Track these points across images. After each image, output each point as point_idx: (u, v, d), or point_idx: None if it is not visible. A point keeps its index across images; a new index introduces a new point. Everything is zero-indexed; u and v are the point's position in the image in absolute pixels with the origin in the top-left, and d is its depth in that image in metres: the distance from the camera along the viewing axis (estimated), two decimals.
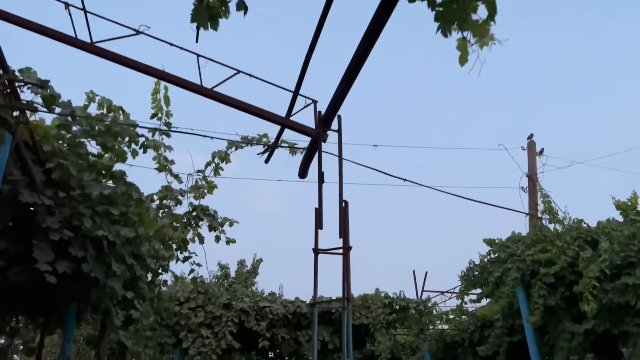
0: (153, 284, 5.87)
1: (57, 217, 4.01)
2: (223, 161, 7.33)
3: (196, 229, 6.92)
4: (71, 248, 3.95)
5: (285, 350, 12.33)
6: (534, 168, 11.69)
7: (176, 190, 6.71)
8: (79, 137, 4.44)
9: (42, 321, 5.03)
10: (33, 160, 4.14)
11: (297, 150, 7.69)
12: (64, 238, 3.94)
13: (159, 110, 6.42)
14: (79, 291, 4.33)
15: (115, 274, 4.15)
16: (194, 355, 11.17)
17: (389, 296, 12.79)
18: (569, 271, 7.63)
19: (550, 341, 8.38)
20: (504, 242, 9.68)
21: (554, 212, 10.03)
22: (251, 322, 11.82)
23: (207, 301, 11.91)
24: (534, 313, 7.72)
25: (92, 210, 4.11)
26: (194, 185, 6.96)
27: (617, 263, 6.46)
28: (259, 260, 19.45)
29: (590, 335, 7.21)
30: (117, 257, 4.25)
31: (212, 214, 7.09)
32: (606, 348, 9.42)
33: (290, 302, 12.49)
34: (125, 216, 4.34)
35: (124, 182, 4.42)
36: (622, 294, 6.35)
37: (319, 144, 3.48)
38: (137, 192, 4.39)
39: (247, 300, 12.08)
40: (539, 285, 7.77)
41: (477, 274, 10.38)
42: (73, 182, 4.20)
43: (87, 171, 4.30)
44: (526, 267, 8.16)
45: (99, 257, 4.12)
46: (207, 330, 11.47)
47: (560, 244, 7.70)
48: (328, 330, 12.33)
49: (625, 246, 6.49)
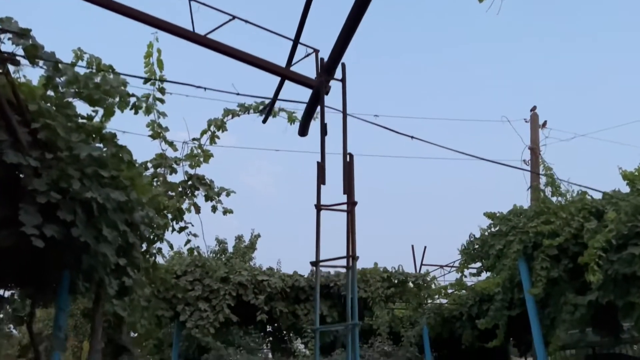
0: (148, 253, 5.70)
1: (45, 179, 3.80)
2: (219, 129, 7.10)
3: (192, 198, 6.73)
4: (59, 211, 3.75)
5: (283, 323, 12.29)
6: (536, 141, 11.49)
7: (171, 158, 6.50)
8: (66, 97, 4.21)
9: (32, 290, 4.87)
10: (18, 121, 3.92)
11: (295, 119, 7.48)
12: (51, 201, 3.74)
13: (152, 74, 6.17)
14: (70, 257, 4.15)
15: (107, 239, 3.97)
16: (191, 328, 11.10)
17: (388, 270, 12.72)
18: (573, 243, 7.51)
19: (552, 314, 8.31)
20: (506, 215, 9.55)
21: (556, 185, 9.89)
22: (249, 296, 11.73)
23: (204, 275, 11.80)
24: (536, 285, 7.63)
25: (81, 172, 3.90)
26: (190, 153, 6.74)
27: (624, 233, 6.33)
28: (256, 235, 19.36)
29: (592, 307, 7.12)
30: (109, 222, 4.06)
31: (209, 183, 6.89)
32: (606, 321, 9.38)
33: (288, 276, 12.41)
34: (116, 180, 4.14)
35: (115, 144, 4.21)
36: (629, 264, 6.24)
37: (322, 94, 3.26)
38: (128, 155, 4.18)
39: (245, 273, 11.98)
40: (542, 257, 7.67)
41: (478, 247, 10.28)
42: (61, 143, 3.98)
43: (75, 132, 4.08)
44: (529, 239, 8.04)
45: (89, 222, 3.93)
46: (205, 303, 11.39)
47: (565, 216, 7.57)
48: (327, 304, 12.26)
49: (633, 216, 6.36)
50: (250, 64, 3.56)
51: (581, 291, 7.33)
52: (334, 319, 12.31)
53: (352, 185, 2.91)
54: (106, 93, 4.09)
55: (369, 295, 12.20)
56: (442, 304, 13.99)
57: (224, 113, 7.06)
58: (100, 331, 5.38)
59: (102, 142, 4.28)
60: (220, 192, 7.02)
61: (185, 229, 6.80)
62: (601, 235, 6.38)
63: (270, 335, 15.25)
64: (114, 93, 4.18)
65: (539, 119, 11.80)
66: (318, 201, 3.01)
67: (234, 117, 7.17)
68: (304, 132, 3.76)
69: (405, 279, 12.63)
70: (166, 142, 6.42)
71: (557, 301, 7.68)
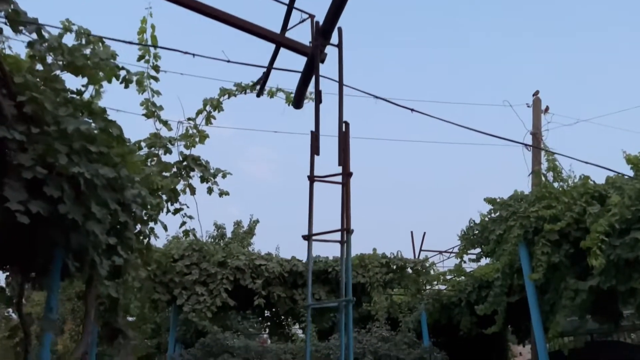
0: (141, 234, 5.58)
1: (30, 154, 3.67)
2: (215, 109, 6.94)
3: (187, 179, 6.59)
4: (46, 187, 3.62)
5: (281, 308, 12.22)
6: (538, 126, 11.32)
7: (165, 138, 6.35)
8: (54, 70, 4.06)
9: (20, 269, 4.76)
10: (3, 94, 3.77)
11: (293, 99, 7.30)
12: (37, 176, 3.61)
13: (146, 52, 6.00)
14: (58, 236, 4.03)
15: (96, 216, 3.84)
16: (188, 312, 11.03)
17: (386, 256, 12.63)
18: (574, 228, 7.40)
19: (551, 300, 8.22)
20: (506, 200, 9.44)
21: (558, 170, 9.76)
22: (246, 280, 11.65)
23: (202, 259, 11.71)
24: (537, 270, 7.53)
25: (69, 147, 3.77)
26: (185, 133, 6.59)
27: (628, 218, 6.21)
28: (255, 221, 19.29)
29: (593, 293, 7.03)
30: (98, 199, 3.93)
31: (204, 164, 6.75)
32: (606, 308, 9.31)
33: (286, 261, 12.31)
34: (105, 156, 4.00)
35: (104, 119, 4.06)
36: (632, 249, 6.12)
37: (316, 60, 3.09)
38: (117, 129, 4.04)
39: (242, 258, 11.89)
40: (543, 242, 7.56)
41: (478, 233, 10.18)
42: (48, 117, 3.84)
43: (63, 106, 3.94)
44: (529, 224, 7.93)
45: (77, 199, 3.80)
46: (202, 287, 11.30)
47: (567, 200, 7.44)
48: (324, 289, 12.20)
49: (637, 200, 6.23)
50: (243, 30, 3.38)
51: (582, 277, 7.24)
52: None
53: (347, 155, 2.76)
54: (95, 66, 3.93)
55: (367, 281, 12.12)
56: (440, 290, 13.94)
57: (220, 92, 6.90)
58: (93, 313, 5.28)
59: (91, 117, 4.14)
60: (216, 174, 6.88)
61: (180, 211, 6.68)
62: (604, 219, 6.27)
63: (268, 320, 15.21)
64: (102, 66, 4.02)
65: (541, 103, 11.62)
66: (311, 172, 2.87)
67: (230, 97, 7.00)
68: (299, 104, 3.60)
69: (404, 265, 12.54)
70: (160, 121, 6.27)
71: (557, 287, 7.59)
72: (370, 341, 10.17)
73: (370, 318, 12.99)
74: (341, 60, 3.01)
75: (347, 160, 2.76)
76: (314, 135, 2.94)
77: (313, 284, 12.22)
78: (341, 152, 2.78)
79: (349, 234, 2.72)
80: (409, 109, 3.90)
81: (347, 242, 2.75)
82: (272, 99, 7.32)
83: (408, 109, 3.90)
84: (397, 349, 10.89)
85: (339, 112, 2.92)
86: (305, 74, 3.38)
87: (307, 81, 3.38)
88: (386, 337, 11.07)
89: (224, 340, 10.54)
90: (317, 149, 2.90)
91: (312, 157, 2.89)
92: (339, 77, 3.01)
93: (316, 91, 3.05)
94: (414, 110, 3.88)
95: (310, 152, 2.89)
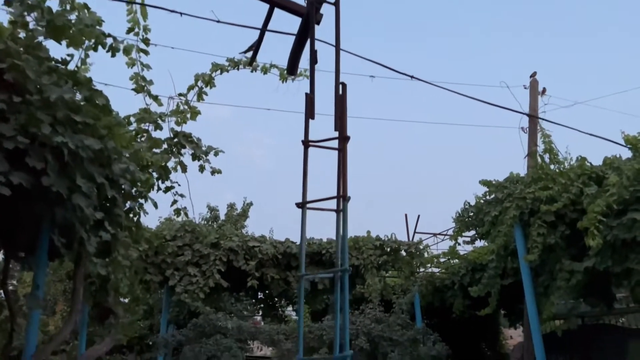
0: (131, 212, 5.44)
1: (12, 123, 3.51)
2: (207, 85, 6.77)
3: (178, 156, 6.43)
4: (28, 158, 3.47)
5: (274, 290, 12.17)
6: (535, 107, 11.20)
7: (155, 113, 6.17)
8: (37, 37, 3.88)
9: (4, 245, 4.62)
10: None
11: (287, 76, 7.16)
12: (19, 147, 3.46)
13: (135, 24, 5.80)
14: (43, 210, 3.89)
15: (81, 189, 3.70)
16: (181, 293, 10.96)
17: (380, 238, 12.57)
18: (571, 209, 7.34)
19: (545, 282, 8.20)
20: (502, 182, 9.37)
21: (554, 153, 9.69)
22: (240, 262, 11.57)
23: (194, 240, 11.61)
24: (532, 252, 7.48)
25: (53, 117, 3.61)
26: (176, 109, 6.42)
27: (625, 198, 6.13)
28: (249, 203, 19.17)
29: (588, 274, 6.99)
30: (83, 172, 3.78)
31: (196, 141, 6.58)
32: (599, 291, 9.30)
33: (280, 243, 12.24)
34: (91, 127, 3.84)
35: (90, 88, 3.89)
36: (629, 230, 6.06)
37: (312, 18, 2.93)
38: (103, 99, 3.88)
39: (235, 239, 11.80)
40: (539, 224, 7.50)
41: (472, 215, 10.13)
42: (30, 86, 3.67)
43: (46, 75, 3.77)
44: (525, 205, 7.86)
45: (62, 171, 3.66)
46: (195, 268, 11.22)
47: (563, 181, 7.36)
48: (318, 271, 12.13)
49: (635, 181, 6.15)
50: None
51: (577, 258, 7.19)
52: (325, 285, 12.21)
53: (344, 119, 2.62)
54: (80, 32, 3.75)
55: (361, 263, 12.07)
56: (433, 273, 13.95)
57: (212, 68, 6.72)
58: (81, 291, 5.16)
59: (77, 88, 3.97)
60: (208, 152, 6.72)
61: (171, 189, 6.53)
62: (602, 199, 6.19)
63: (261, 302, 15.19)
64: (88, 34, 3.85)
65: (538, 85, 11.49)
66: (306, 137, 2.72)
67: (222, 73, 6.83)
68: (293, 70, 3.43)
69: (397, 248, 12.49)
70: (150, 96, 6.08)
71: (552, 268, 7.54)
72: (363, 322, 10.14)
73: (364, 300, 12.98)
74: (338, 17, 2.84)
75: (344, 123, 2.62)
76: (309, 97, 2.79)
77: (307, 266, 12.16)
78: (337, 116, 2.64)
79: (345, 201, 2.60)
80: (408, 75, 3.77)
81: (343, 210, 2.63)
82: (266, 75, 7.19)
83: (408, 75, 3.77)
84: (391, 330, 10.89)
85: (336, 73, 2.76)
86: (299, 35, 3.20)
87: (302, 42, 3.21)
88: (380, 318, 11.05)
89: (216, 321, 10.49)
90: (312, 112, 2.75)
91: (306, 120, 2.75)
92: (335, 35, 2.84)
93: (311, 51, 2.90)
94: (413, 77, 3.74)
95: (305, 115, 2.75)
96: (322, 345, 9.76)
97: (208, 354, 9.54)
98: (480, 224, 9.66)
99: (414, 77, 3.79)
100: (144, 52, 5.86)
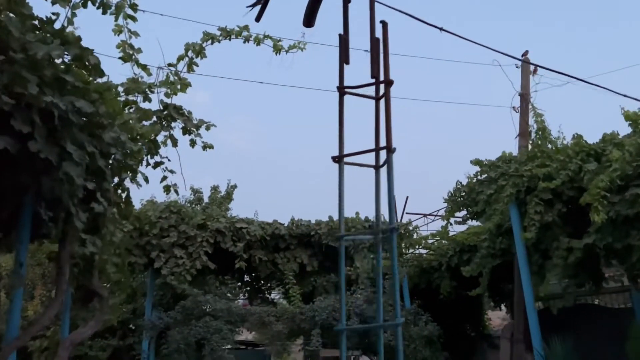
0: (120, 187, 5.14)
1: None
2: (198, 56, 6.43)
3: (168, 130, 6.12)
4: (13, 121, 3.16)
5: (262, 272, 11.97)
6: (527, 87, 11.09)
7: (144, 83, 5.83)
8: None
9: None
10: None
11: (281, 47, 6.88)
12: (4, 108, 3.14)
13: None
14: (27, 179, 3.59)
15: (72, 156, 3.40)
16: (167, 275, 10.67)
17: (369, 219, 12.43)
18: (568, 187, 7.25)
19: (539, 261, 8.15)
20: (494, 161, 9.26)
21: (547, 132, 9.61)
22: (227, 243, 11.32)
23: (180, 221, 11.30)
24: (529, 230, 7.39)
25: (39, 78, 3.29)
26: (165, 80, 6.08)
27: (628, 173, 6.05)
28: (233, 186, 18.80)
29: (587, 252, 6.93)
30: (73, 138, 3.48)
31: (187, 114, 6.27)
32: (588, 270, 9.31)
33: (268, 224, 12.00)
34: (81, 90, 3.53)
35: (80, 47, 3.57)
36: (631, 205, 5.99)
37: None
38: (94, 58, 3.57)
39: (223, 221, 11.53)
40: (536, 202, 7.41)
41: (465, 194, 10.02)
42: (14, 44, 3.34)
43: (31, 32, 3.44)
44: (522, 183, 7.76)
45: (51, 136, 3.35)
46: (181, 250, 10.93)
47: (562, 158, 7.26)
48: (307, 253, 11.97)
49: (637, 156, 6.07)
50: None
51: (575, 236, 7.13)
52: (313, 268, 12.06)
53: (387, 61, 2.34)
54: None
55: (350, 244, 11.92)
56: (421, 254, 13.88)
57: (203, 37, 6.39)
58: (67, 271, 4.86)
59: (65, 46, 3.64)
60: (200, 125, 6.42)
61: (161, 164, 6.22)
62: (605, 174, 6.10)
63: (247, 285, 14.98)
64: None
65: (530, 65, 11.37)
66: (341, 82, 2.47)
67: (214, 43, 6.50)
68: (311, 21, 3.10)
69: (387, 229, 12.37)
70: (139, 65, 5.73)
71: (549, 246, 7.47)
72: (355, 303, 10.02)
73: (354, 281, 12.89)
74: None
75: (387, 66, 2.36)
76: (343, 39, 2.53)
77: (295, 248, 11.96)
78: (375, 62, 2.38)
79: (390, 152, 2.37)
80: (438, 27, 3.51)
81: (388, 162, 2.40)
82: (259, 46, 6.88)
83: (437, 27, 3.50)
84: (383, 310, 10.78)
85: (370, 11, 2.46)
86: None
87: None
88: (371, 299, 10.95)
89: (205, 302, 10.25)
90: (346, 56, 2.48)
91: (341, 65, 2.48)
92: None
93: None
94: (442, 30, 3.48)
95: (339, 59, 2.48)
96: (314, 327, 9.60)
97: (197, 337, 9.31)
98: (473, 204, 9.56)
99: (443, 29, 3.55)
100: (131, 19, 5.51)
